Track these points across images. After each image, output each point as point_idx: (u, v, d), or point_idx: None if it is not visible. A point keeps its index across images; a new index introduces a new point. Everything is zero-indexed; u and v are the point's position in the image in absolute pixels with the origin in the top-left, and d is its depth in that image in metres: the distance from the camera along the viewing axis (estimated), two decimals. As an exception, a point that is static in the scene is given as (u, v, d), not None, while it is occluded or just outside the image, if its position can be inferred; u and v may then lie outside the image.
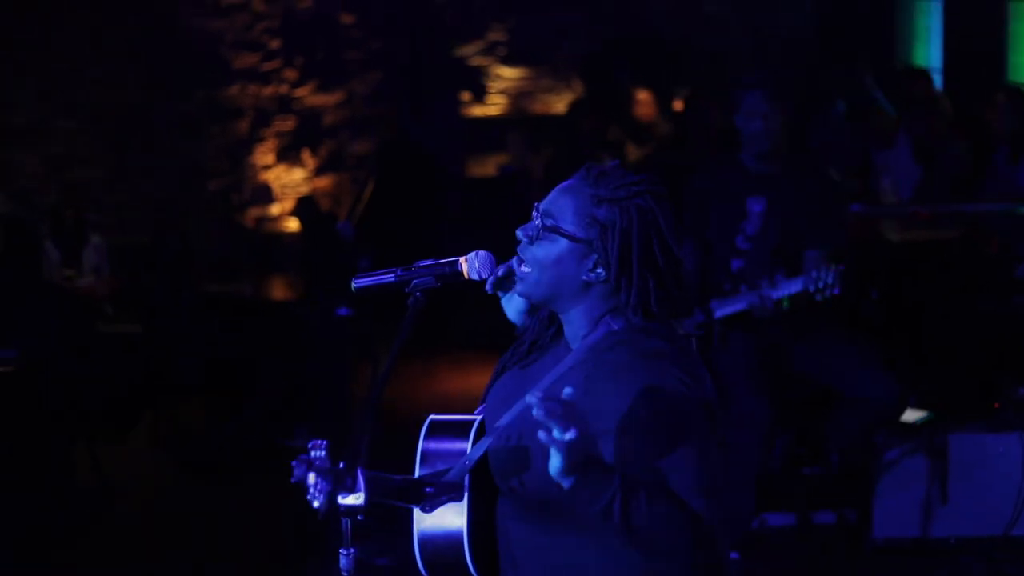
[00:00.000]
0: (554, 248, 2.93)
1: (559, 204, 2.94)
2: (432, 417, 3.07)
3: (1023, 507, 6.31)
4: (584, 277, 2.92)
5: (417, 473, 2.98)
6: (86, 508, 7.64)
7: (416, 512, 2.95)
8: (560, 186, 2.99)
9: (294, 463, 2.75)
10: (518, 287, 3.01)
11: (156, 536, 7.17)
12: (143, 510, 7.66)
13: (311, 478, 2.72)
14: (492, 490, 3.00)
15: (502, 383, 3.09)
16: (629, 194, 2.90)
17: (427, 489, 2.89)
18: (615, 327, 2.91)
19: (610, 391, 2.84)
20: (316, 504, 2.73)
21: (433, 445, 3.02)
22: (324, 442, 2.76)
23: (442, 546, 2.96)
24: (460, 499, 2.93)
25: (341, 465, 2.76)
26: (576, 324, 2.97)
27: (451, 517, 2.95)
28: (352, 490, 2.78)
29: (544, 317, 3.08)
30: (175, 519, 7.43)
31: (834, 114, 9.72)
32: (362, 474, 2.77)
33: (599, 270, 2.91)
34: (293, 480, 2.75)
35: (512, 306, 3.17)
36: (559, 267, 2.93)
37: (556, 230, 2.92)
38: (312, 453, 2.75)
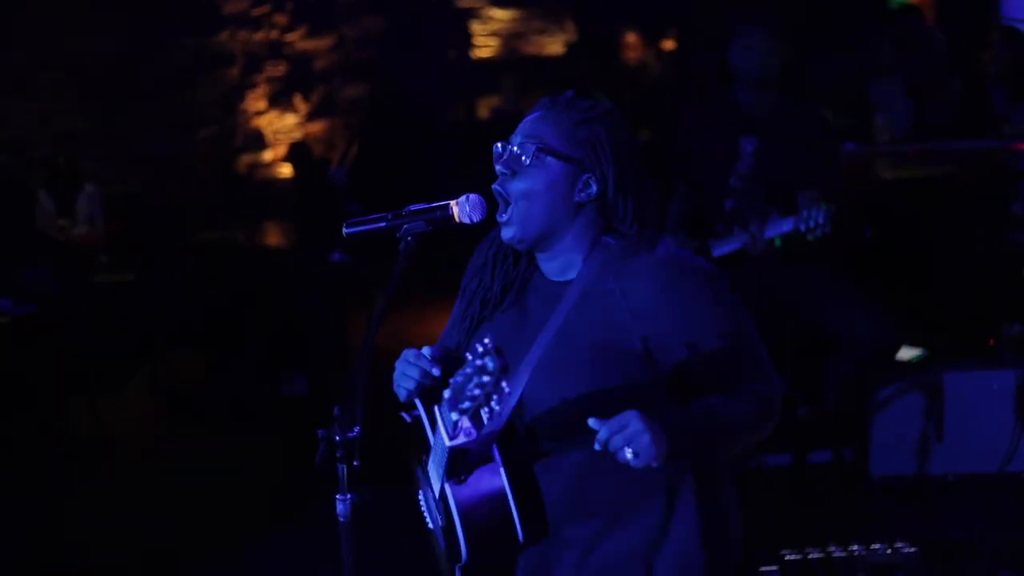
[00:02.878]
0: (545, 174, 2.95)
1: (540, 131, 2.98)
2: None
3: (1018, 443, 6.33)
4: (577, 198, 2.96)
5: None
6: (83, 458, 7.66)
7: (451, 490, 2.87)
8: (528, 119, 3.02)
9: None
10: (506, 233, 2.99)
11: (153, 486, 7.19)
12: (140, 460, 7.68)
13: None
14: (515, 445, 2.92)
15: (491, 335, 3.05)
16: (602, 113, 2.98)
17: (466, 455, 2.85)
18: (612, 243, 2.96)
19: (647, 295, 2.90)
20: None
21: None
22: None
23: (487, 512, 2.86)
24: (491, 461, 2.88)
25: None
26: (569, 252, 2.99)
27: (488, 480, 2.87)
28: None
29: (505, 261, 3.08)
30: (172, 468, 7.45)
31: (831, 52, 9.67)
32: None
33: (591, 188, 2.95)
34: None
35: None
36: (553, 191, 2.95)
37: (550, 151, 2.94)
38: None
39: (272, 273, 9.57)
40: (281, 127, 12.46)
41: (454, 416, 2.63)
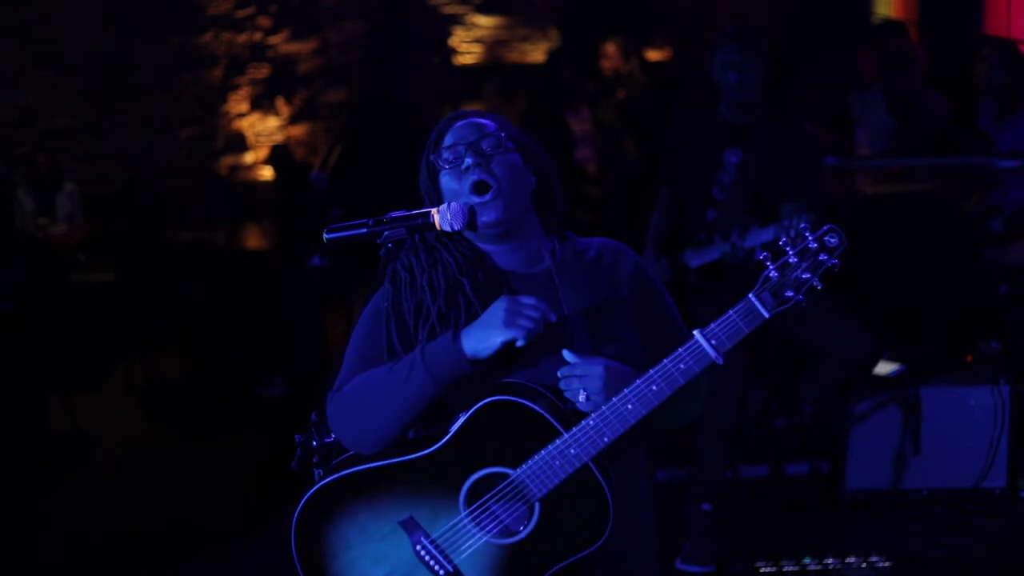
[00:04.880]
0: (514, 158, 3.07)
1: (489, 128, 3.10)
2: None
3: (994, 459, 6.35)
4: (528, 185, 3.10)
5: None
6: (60, 457, 7.64)
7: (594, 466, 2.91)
8: (462, 123, 3.13)
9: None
10: (494, 214, 2.99)
11: (130, 485, 7.17)
12: (117, 459, 7.66)
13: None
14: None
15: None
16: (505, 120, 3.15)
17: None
18: (570, 234, 3.18)
19: (607, 275, 3.09)
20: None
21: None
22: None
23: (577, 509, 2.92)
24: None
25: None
26: (531, 241, 3.10)
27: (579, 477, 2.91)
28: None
29: (435, 270, 3.05)
30: (149, 468, 7.43)
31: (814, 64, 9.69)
32: None
33: (531, 178, 3.10)
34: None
35: None
36: (522, 176, 3.07)
37: (515, 141, 3.09)
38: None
39: (251, 275, 9.55)
40: (263, 130, 12.44)
41: (766, 314, 2.93)
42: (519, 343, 2.86)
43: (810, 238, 2.79)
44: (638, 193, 9.06)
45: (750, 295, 2.84)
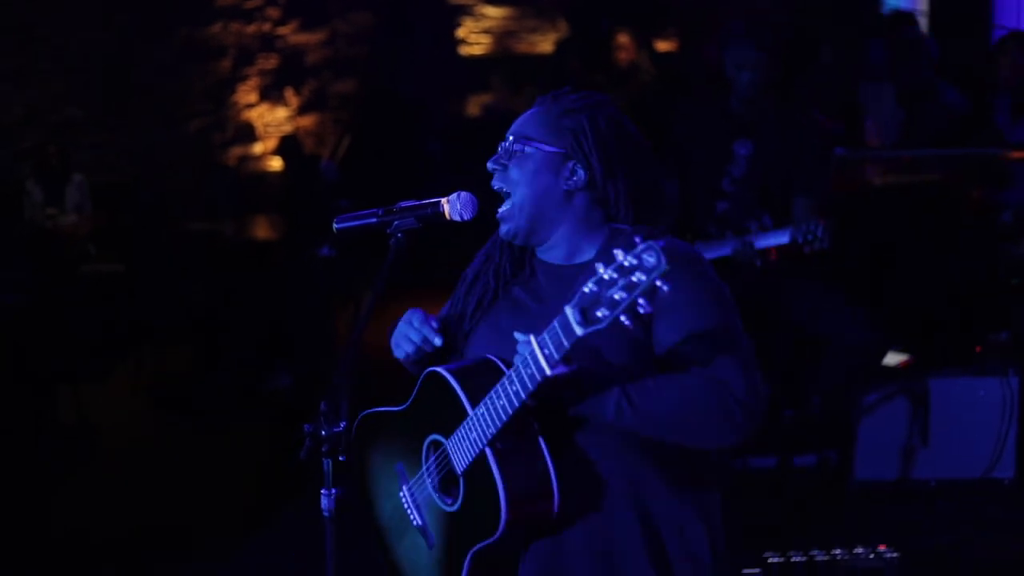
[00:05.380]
0: (531, 163, 2.95)
1: (527, 125, 3.00)
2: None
3: (1002, 450, 6.35)
4: (565, 187, 2.95)
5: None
6: (67, 448, 7.65)
7: (492, 456, 2.83)
8: (523, 115, 3.04)
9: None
10: (502, 229, 2.99)
11: (136, 477, 7.17)
12: (124, 451, 7.67)
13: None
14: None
15: (496, 329, 3.01)
16: (591, 103, 2.98)
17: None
18: (626, 228, 2.95)
19: None
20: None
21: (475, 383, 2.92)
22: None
23: (528, 482, 2.83)
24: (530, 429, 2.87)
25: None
26: (571, 239, 2.97)
27: (531, 452, 2.84)
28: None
29: (504, 255, 3.06)
30: (155, 460, 7.44)
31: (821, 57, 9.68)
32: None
33: (579, 174, 2.94)
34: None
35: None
36: (538, 180, 2.95)
37: (531, 142, 2.96)
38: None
39: (260, 266, 9.56)
40: (272, 120, 12.44)
41: (579, 331, 2.57)
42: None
43: (625, 256, 2.47)
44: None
45: (566, 307, 2.58)
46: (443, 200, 3.03)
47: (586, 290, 2.54)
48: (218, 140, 12.31)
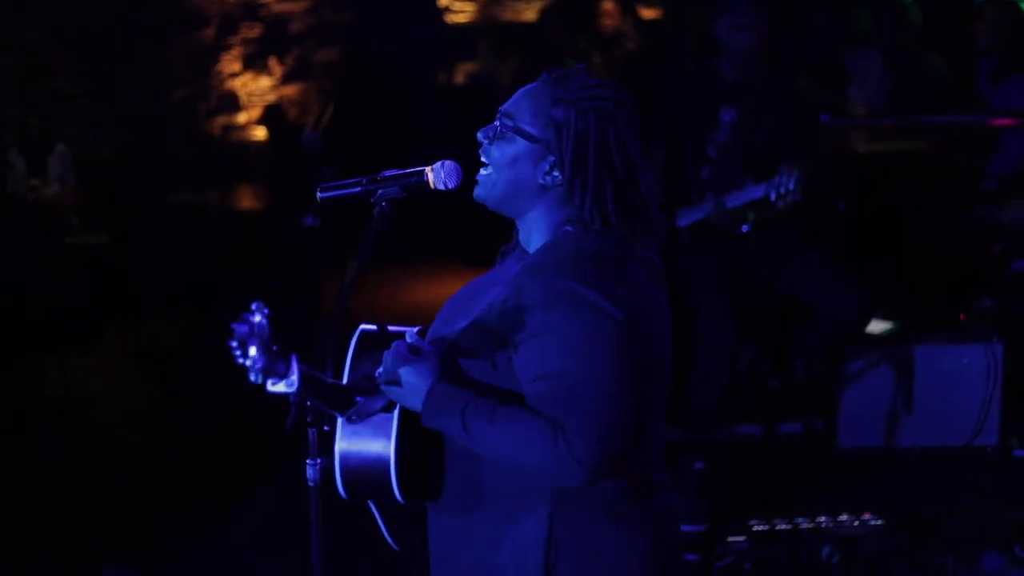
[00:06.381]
0: (511, 148, 2.89)
1: (519, 105, 2.91)
2: (363, 327, 3.01)
3: (986, 418, 6.37)
4: (540, 180, 2.88)
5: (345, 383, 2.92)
6: (54, 420, 7.64)
7: (340, 426, 2.87)
8: (522, 88, 2.96)
9: (235, 324, 2.60)
10: (476, 190, 2.98)
11: (125, 448, 7.18)
12: (112, 422, 7.66)
13: (252, 350, 2.59)
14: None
15: (458, 294, 3.04)
16: (589, 97, 2.85)
17: (357, 398, 2.85)
18: (571, 231, 2.85)
19: (529, 289, 2.76)
20: (252, 377, 2.63)
21: (366, 356, 2.95)
22: (266, 309, 2.65)
23: (366, 464, 2.85)
24: (390, 412, 2.86)
25: (275, 349, 2.66)
26: (532, 229, 2.92)
27: (379, 433, 2.86)
28: (285, 376, 2.71)
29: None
30: (144, 431, 7.44)
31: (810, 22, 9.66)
32: (296, 364, 2.71)
33: (555, 173, 2.86)
34: (232, 342, 2.59)
35: None
36: (515, 167, 2.88)
37: (514, 129, 2.89)
38: (255, 317, 2.62)
39: (245, 236, 9.54)
40: (255, 89, 12.39)
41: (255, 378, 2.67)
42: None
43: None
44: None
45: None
46: (427, 169, 3.01)
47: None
48: (202, 109, 12.27)
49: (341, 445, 2.88)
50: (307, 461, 2.93)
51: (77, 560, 5.80)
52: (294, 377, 2.71)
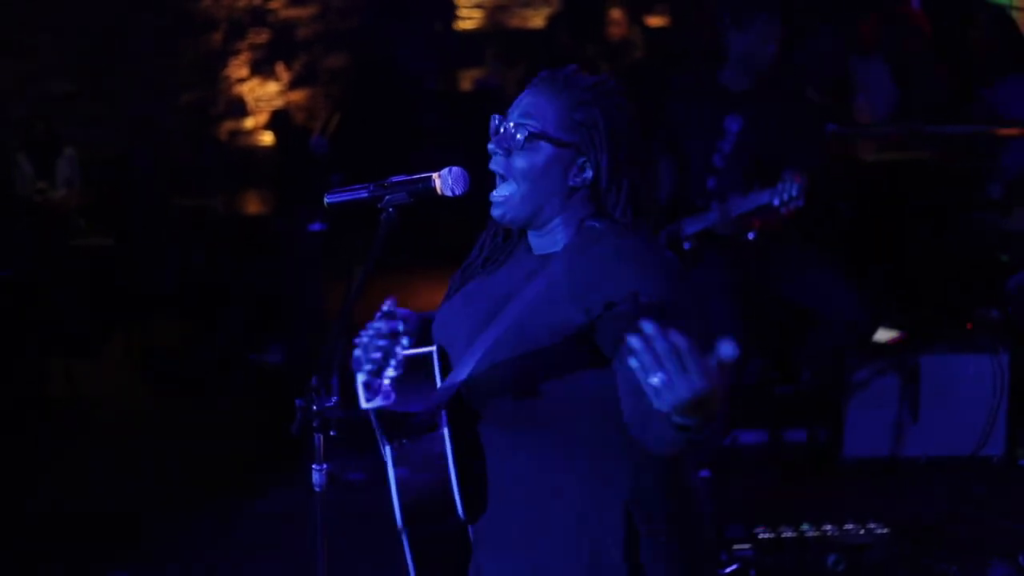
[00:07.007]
0: (539, 156, 2.84)
1: (536, 110, 2.86)
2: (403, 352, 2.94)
3: (992, 428, 6.36)
4: (571, 182, 2.85)
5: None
6: (58, 421, 7.65)
7: (389, 452, 2.83)
8: (526, 94, 2.92)
9: (386, 321, 2.65)
10: (495, 212, 2.93)
11: (128, 450, 7.18)
12: (115, 424, 7.67)
13: (390, 370, 2.62)
14: (466, 421, 2.84)
15: (455, 303, 3.00)
16: (603, 94, 2.86)
17: (411, 420, 2.79)
18: (597, 226, 2.84)
19: (595, 282, 2.73)
20: (360, 389, 2.68)
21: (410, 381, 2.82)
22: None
23: (427, 485, 2.81)
24: (437, 431, 2.80)
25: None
26: (555, 233, 2.88)
27: (433, 453, 2.80)
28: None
29: (497, 236, 3.01)
30: (147, 433, 7.44)
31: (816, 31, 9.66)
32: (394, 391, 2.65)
33: (586, 173, 2.84)
34: (374, 335, 2.65)
35: None
36: (547, 175, 2.84)
37: (543, 136, 2.84)
38: (404, 340, 2.63)
39: (251, 241, 9.54)
40: (263, 95, 12.41)
41: (361, 377, 2.61)
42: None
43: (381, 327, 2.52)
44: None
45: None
46: (434, 175, 3.00)
47: (363, 337, 2.64)
48: (209, 114, 12.28)
49: (397, 471, 2.82)
50: (313, 466, 2.92)
51: (79, 560, 5.80)
52: (381, 401, 2.67)
